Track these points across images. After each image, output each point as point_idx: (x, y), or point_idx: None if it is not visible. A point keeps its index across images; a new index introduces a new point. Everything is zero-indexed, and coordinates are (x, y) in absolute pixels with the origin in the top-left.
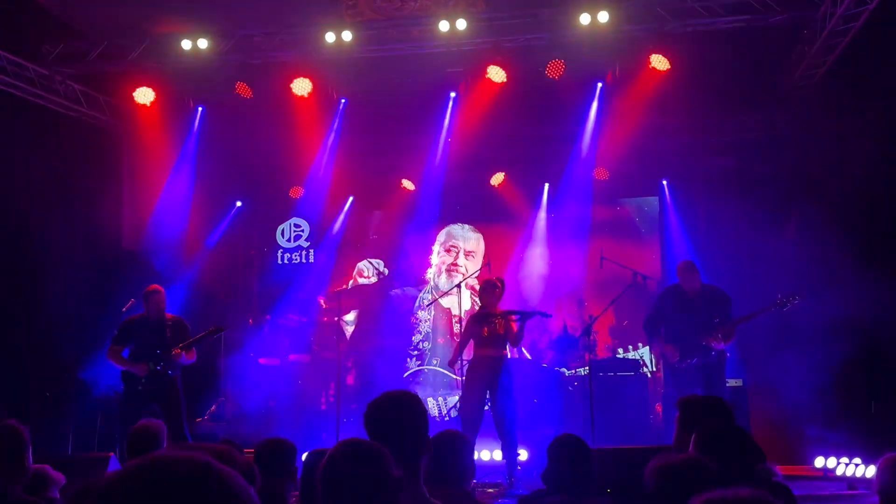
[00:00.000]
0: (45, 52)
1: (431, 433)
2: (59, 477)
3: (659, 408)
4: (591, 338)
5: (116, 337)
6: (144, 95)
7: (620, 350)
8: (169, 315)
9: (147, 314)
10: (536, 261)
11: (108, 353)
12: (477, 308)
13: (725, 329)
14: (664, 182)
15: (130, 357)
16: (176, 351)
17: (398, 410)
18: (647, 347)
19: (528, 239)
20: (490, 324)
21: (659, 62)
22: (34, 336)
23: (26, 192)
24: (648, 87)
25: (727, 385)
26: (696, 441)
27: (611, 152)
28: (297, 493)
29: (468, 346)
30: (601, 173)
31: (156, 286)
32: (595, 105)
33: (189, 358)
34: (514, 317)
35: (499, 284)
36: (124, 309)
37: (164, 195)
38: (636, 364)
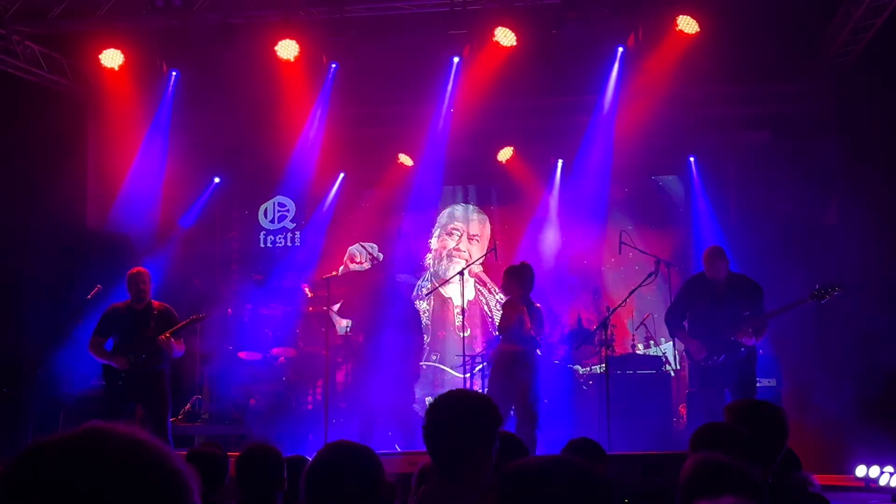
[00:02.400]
0: (0, 9)
1: None
2: None
3: (683, 410)
4: (609, 332)
5: (97, 327)
6: (112, 58)
7: (641, 346)
8: (155, 303)
9: (131, 300)
10: (548, 245)
11: (90, 345)
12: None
13: (756, 323)
14: (692, 158)
15: (113, 349)
16: (161, 337)
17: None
18: (671, 343)
19: (538, 221)
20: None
21: (687, 24)
22: None
23: None
24: (675, 52)
25: (759, 385)
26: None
27: (632, 125)
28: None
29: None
30: (621, 149)
31: (138, 268)
32: (615, 72)
33: (177, 349)
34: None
35: (506, 273)
36: (89, 296)
37: (134, 170)
38: (658, 361)
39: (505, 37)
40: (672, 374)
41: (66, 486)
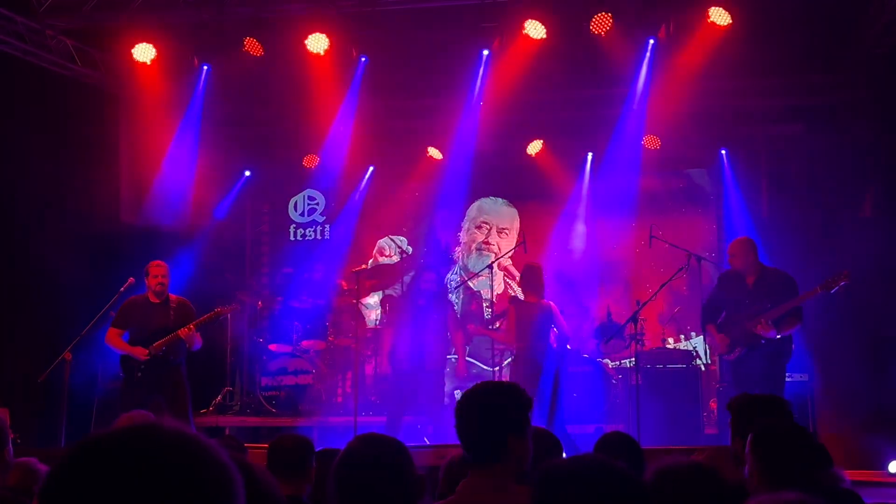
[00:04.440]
0: (34, 3)
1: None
2: (46, 470)
3: (713, 404)
4: (639, 325)
5: (116, 319)
6: (144, 52)
7: (671, 339)
8: (173, 296)
9: (149, 293)
10: (578, 239)
11: (107, 336)
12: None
13: (773, 315)
14: (723, 151)
15: (131, 341)
16: (185, 330)
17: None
18: (701, 337)
19: (568, 215)
20: None
21: (719, 16)
22: (23, 318)
23: (12, 159)
24: (706, 44)
25: (790, 380)
26: (751, 442)
27: (663, 118)
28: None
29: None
30: (652, 141)
31: (158, 261)
32: (646, 64)
33: (197, 343)
34: None
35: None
36: (122, 289)
37: (166, 163)
38: (688, 355)
39: (535, 29)
40: (703, 368)
41: (120, 481)
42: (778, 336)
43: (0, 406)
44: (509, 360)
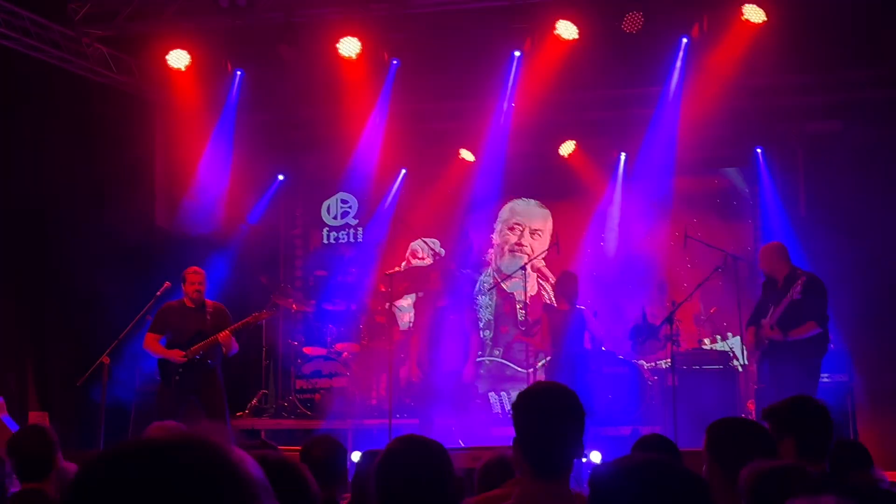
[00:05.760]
0: (71, 11)
1: (494, 430)
2: None
3: (751, 405)
4: (674, 326)
5: (153, 324)
6: (178, 59)
7: (707, 340)
8: (209, 302)
9: (185, 299)
10: (611, 240)
11: (145, 341)
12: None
13: (774, 318)
14: (759, 150)
15: (168, 346)
16: (223, 334)
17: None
18: (738, 338)
19: (602, 215)
20: None
21: (753, 13)
22: (61, 323)
23: (49, 165)
24: (741, 41)
25: (829, 381)
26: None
27: (698, 117)
28: (348, 495)
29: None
30: (686, 141)
31: (195, 268)
32: (679, 63)
33: (234, 347)
34: None
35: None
36: (158, 293)
37: (201, 169)
38: (725, 356)
39: (567, 30)
40: (740, 368)
41: (142, 492)
42: (788, 339)
43: (39, 409)
44: (543, 361)
